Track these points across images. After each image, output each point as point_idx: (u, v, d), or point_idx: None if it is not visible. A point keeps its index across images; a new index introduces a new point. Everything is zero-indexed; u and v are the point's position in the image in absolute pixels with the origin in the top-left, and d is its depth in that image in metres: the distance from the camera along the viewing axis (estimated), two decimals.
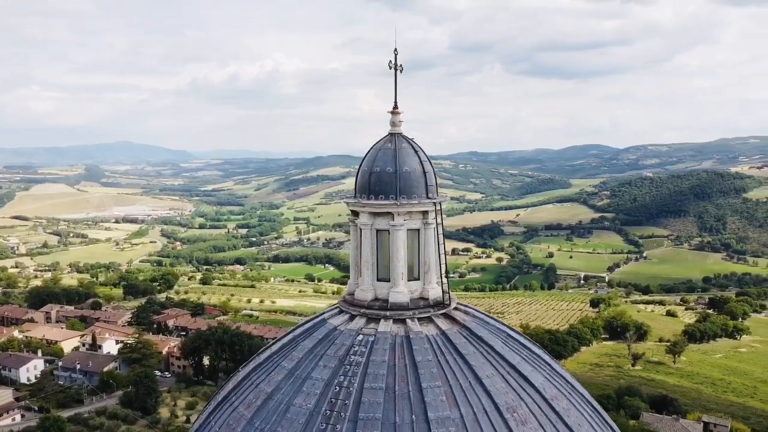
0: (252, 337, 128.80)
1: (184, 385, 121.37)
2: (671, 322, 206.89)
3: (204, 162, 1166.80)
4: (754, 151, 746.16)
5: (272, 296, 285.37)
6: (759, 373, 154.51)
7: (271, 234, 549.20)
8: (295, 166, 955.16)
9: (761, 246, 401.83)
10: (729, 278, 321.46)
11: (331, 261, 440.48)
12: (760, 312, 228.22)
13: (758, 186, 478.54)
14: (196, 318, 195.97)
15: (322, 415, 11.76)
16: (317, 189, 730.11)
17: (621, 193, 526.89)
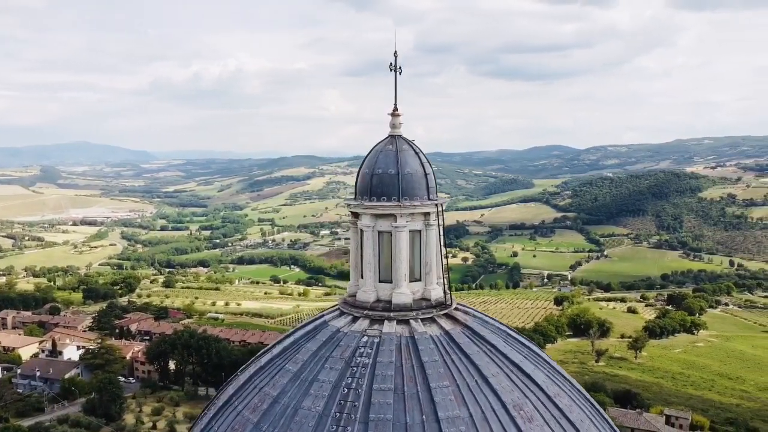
0: (219, 341, 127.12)
1: (149, 390, 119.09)
2: (632, 318, 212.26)
3: (165, 162, 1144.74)
4: (708, 152, 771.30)
5: (237, 299, 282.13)
6: (716, 367, 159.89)
7: (235, 235, 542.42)
8: (259, 166, 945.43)
9: (716, 244, 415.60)
10: (686, 275, 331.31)
11: (296, 262, 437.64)
12: (716, 307, 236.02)
13: (712, 186, 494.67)
14: (159, 322, 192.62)
15: (331, 418, 11.75)
16: (282, 190, 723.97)
17: (582, 193, 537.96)
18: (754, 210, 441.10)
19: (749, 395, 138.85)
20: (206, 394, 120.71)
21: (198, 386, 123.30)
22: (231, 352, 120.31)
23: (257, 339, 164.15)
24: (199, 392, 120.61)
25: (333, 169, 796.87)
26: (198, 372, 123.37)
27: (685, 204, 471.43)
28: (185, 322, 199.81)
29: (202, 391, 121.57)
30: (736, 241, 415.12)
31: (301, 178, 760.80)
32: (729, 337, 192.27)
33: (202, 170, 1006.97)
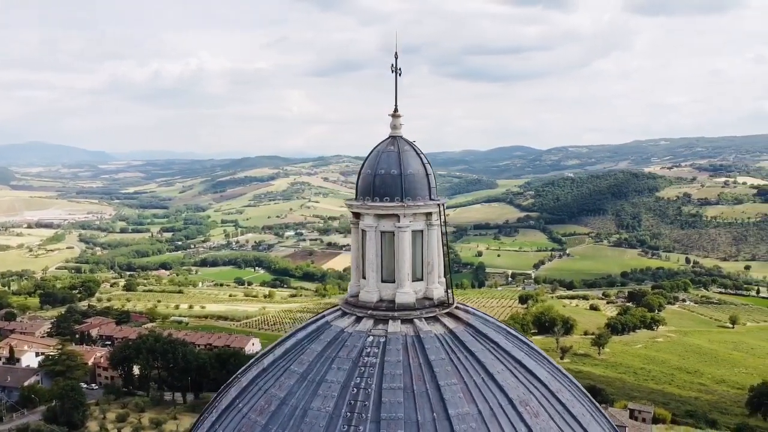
0: (186, 344, 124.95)
1: (113, 396, 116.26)
2: (595, 315, 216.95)
3: (124, 163, 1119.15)
4: (665, 153, 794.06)
5: (201, 301, 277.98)
6: (675, 361, 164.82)
7: (198, 237, 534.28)
8: (221, 167, 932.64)
9: (672, 242, 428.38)
10: (645, 272, 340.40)
11: (261, 264, 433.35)
12: (674, 304, 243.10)
13: (669, 185, 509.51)
14: (121, 326, 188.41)
15: (342, 418, 11.76)
16: (245, 191, 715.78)
17: (544, 193, 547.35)
18: (708, 209, 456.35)
19: (707, 388, 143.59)
20: (172, 399, 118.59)
21: (164, 391, 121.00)
22: (198, 356, 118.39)
23: (223, 342, 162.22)
24: (165, 397, 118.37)
25: (297, 170, 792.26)
26: (164, 377, 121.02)
27: (644, 203, 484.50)
28: (148, 325, 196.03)
29: (168, 396, 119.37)
30: (692, 239, 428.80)
31: (265, 178, 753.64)
32: (687, 333, 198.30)
33: (163, 171, 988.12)
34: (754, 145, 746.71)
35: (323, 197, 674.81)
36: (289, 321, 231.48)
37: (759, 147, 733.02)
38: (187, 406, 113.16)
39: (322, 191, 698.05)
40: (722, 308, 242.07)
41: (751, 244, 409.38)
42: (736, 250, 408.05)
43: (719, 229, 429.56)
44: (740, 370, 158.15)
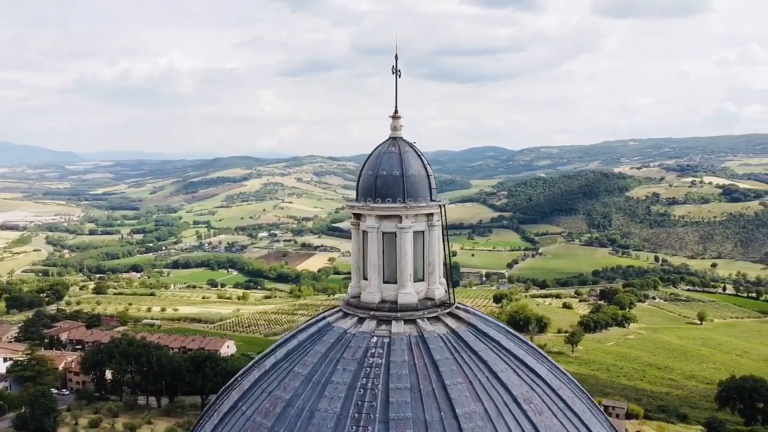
0: (160, 348, 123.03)
1: (85, 401, 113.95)
2: (568, 313, 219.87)
3: (93, 164, 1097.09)
4: (634, 153, 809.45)
5: (174, 304, 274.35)
6: (646, 358, 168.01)
7: (170, 239, 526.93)
8: (193, 167, 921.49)
9: (642, 240, 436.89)
10: (615, 271, 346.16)
11: (234, 265, 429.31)
12: (644, 301, 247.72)
13: (638, 185, 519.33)
14: (92, 330, 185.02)
15: (350, 419, 11.77)
16: (218, 191, 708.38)
17: (517, 193, 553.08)
18: (676, 208, 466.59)
19: (677, 383, 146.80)
20: (146, 403, 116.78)
21: (137, 395, 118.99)
22: (173, 359, 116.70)
23: (198, 345, 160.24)
24: (138, 402, 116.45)
25: (270, 171, 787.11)
26: (137, 381, 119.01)
27: (614, 203, 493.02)
28: (120, 329, 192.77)
29: (142, 401, 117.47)
30: (661, 237, 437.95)
31: (237, 179, 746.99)
32: (657, 329, 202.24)
33: (133, 172, 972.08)
34: (719, 146, 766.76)
35: (297, 198, 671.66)
36: (264, 323, 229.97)
37: (723, 147, 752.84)
38: (162, 410, 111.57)
39: (295, 192, 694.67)
40: (690, 305, 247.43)
41: (717, 243, 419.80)
42: (703, 248, 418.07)
43: (686, 228, 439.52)
44: (708, 366, 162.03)
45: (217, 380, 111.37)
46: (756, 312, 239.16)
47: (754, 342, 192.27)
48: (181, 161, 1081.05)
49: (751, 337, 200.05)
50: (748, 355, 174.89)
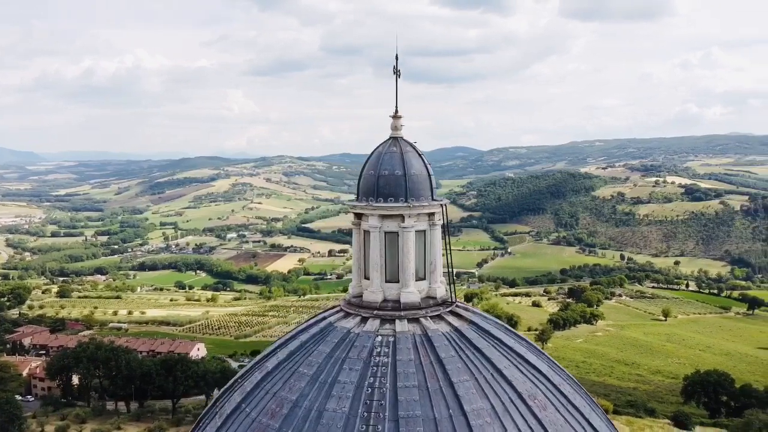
0: (129, 351, 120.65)
1: (51, 408, 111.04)
2: (537, 312, 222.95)
3: (55, 164, 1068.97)
4: (600, 154, 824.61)
5: (141, 307, 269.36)
6: (614, 354, 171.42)
7: (135, 240, 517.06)
8: (159, 168, 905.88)
9: (608, 239, 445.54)
10: (583, 269, 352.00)
11: (202, 267, 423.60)
12: (611, 299, 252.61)
13: (604, 185, 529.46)
14: (57, 335, 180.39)
15: (360, 418, 11.77)
16: (185, 192, 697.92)
17: (486, 193, 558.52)
18: (641, 207, 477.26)
19: (644, 378, 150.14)
20: (115, 408, 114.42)
21: (105, 401, 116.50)
22: (142, 363, 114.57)
23: (167, 348, 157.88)
24: (107, 407, 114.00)
25: (239, 171, 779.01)
26: (105, 386, 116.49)
27: (581, 202, 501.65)
28: (85, 333, 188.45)
29: (110, 406, 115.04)
30: (626, 236, 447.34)
31: (205, 179, 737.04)
32: (623, 326, 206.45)
33: (97, 172, 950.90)
34: (682, 146, 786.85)
35: (266, 198, 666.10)
36: (234, 325, 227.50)
37: (685, 148, 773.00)
38: (132, 414, 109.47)
39: (264, 192, 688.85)
40: (655, 302, 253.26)
41: (679, 241, 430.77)
42: (666, 246, 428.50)
43: (650, 227, 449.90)
44: (674, 361, 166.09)
45: (188, 384, 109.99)
46: (717, 308, 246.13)
47: (716, 337, 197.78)
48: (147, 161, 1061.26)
49: (713, 332, 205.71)
50: (710, 350, 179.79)
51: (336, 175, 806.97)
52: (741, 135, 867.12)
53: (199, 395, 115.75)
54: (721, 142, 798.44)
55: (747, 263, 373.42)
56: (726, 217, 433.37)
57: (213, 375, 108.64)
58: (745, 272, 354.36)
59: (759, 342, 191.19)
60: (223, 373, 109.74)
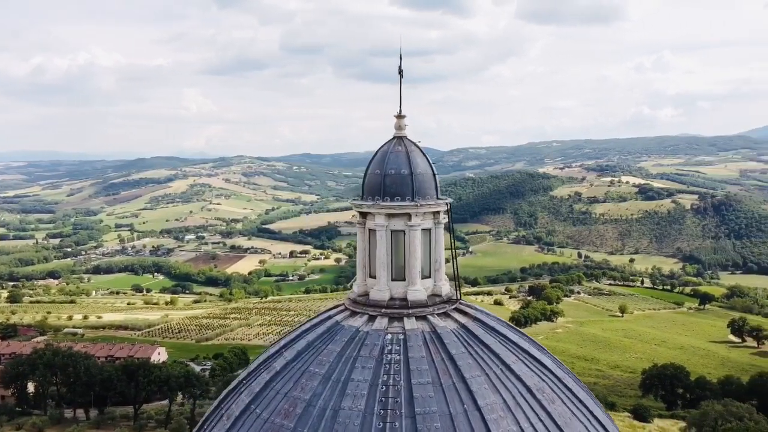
0: (89, 357, 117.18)
1: (6, 417, 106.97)
2: (499, 310, 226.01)
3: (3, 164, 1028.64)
4: (557, 154, 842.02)
5: (97, 311, 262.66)
6: (574, 350, 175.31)
7: (90, 243, 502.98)
8: (114, 168, 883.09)
9: (566, 238, 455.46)
10: (542, 267, 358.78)
11: (160, 270, 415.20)
12: (570, 296, 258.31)
13: (561, 185, 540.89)
14: (8, 341, 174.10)
15: (376, 415, 11.84)
16: (141, 193, 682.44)
17: (447, 193, 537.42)
18: (597, 206, 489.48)
19: (603, 374, 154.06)
20: (74, 416, 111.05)
21: (63, 408, 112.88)
22: (103, 369, 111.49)
23: (126, 353, 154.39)
24: (65, 415, 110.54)
25: (197, 171, 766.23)
26: (63, 393, 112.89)
27: (539, 202, 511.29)
28: (39, 339, 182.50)
29: (68, 414, 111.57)
30: (583, 235, 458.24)
31: (162, 180, 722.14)
32: (583, 323, 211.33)
33: (48, 173, 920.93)
34: (635, 147, 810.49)
35: (225, 199, 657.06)
36: (195, 328, 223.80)
37: (639, 149, 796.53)
38: (92, 422, 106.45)
39: (223, 193, 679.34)
40: (612, 299, 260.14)
41: (634, 239, 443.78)
42: (622, 244, 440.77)
43: (606, 225, 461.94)
44: (631, 355, 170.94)
45: (151, 389, 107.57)
46: (671, 303, 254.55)
47: (670, 332, 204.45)
48: (102, 162, 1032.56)
49: (668, 327, 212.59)
50: (665, 344, 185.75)
51: (296, 176, 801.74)
52: (691, 136, 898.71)
53: (162, 400, 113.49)
54: (673, 142, 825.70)
55: (698, 260, 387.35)
56: (677, 216, 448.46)
57: (177, 379, 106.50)
58: (696, 269, 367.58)
59: (710, 336, 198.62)
60: (187, 377, 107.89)
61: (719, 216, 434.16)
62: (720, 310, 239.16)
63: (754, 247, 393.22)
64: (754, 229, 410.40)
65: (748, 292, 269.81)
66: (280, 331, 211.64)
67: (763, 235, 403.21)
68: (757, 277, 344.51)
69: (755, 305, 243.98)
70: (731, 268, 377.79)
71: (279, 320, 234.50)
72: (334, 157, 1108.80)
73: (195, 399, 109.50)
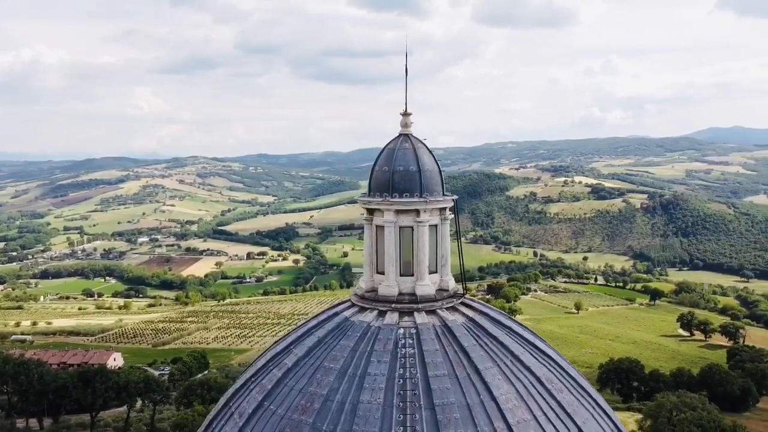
0: (42, 364, 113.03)
1: None
2: None
3: None
4: (512, 155, 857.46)
5: (46, 317, 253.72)
6: None
7: (36, 246, 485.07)
8: (62, 169, 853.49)
9: (522, 237, 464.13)
10: (499, 266, 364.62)
11: (112, 273, 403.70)
12: (527, 294, 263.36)
13: (517, 185, 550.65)
14: None
15: (396, 408, 11.98)
16: (91, 194, 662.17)
17: None
18: (551, 206, 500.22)
19: None
20: (26, 425, 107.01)
21: (15, 418, 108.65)
22: (57, 376, 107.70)
23: (80, 359, 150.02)
24: (17, 425, 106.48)
25: (150, 172, 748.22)
26: (15, 403, 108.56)
27: (496, 202, 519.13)
28: None
29: (20, 423, 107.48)
30: (538, 234, 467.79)
31: (113, 181, 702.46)
32: (540, 320, 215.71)
33: None
34: (587, 148, 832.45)
35: (179, 200, 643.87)
36: (151, 332, 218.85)
37: (590, 149, 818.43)
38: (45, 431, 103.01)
39: (177, 194, 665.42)
40: (568, 296, 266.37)
41: (587, 237, 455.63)
42: (575, 243, 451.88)
43: (561, 225, 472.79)
44: (587, 351, 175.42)
45: (108, 395, 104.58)
46: (623, 300, 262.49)
47: (623, 327, 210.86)
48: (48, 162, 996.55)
49: (621, 322, 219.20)
50: (619, 339, 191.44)
51: (253, 176, 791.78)
52: (639, 137, 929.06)
53: (120, 407, 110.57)
54: (622, 144, 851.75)
55: (647, 257, 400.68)
56: (628, 215, 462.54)
57: (136, 385, 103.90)
58: (646, 266, 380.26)
59: (661, 330, 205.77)
60: (147, 382, 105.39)
61: (667, 215, 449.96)
62: (669, 306, 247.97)
63: (699, 245, 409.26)
64: (700, 227, 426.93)
65: (695, 288, 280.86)
66: (240, 334, 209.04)
67: (708, 232, 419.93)
68: (703, 273, 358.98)
69: (702, 300, 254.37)
70: (679, 264, 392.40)
71: (238, 323, 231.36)
72: (291, 157, 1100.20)
73: (155, 404, 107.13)
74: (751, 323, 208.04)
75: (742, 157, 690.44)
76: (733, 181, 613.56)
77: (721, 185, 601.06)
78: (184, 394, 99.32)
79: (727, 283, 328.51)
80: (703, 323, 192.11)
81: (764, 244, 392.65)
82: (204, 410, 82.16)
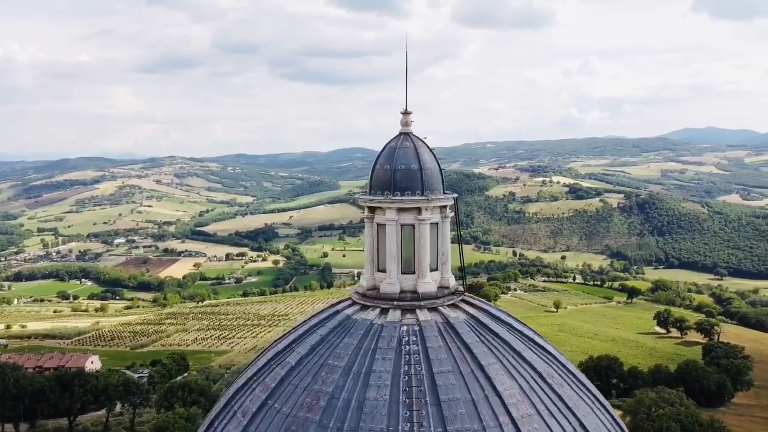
0: (18, 368, 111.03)
1: None
2: None
3: None
4: (491, 155, 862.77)
5: (20, 320, 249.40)
6: None
7: (10, 248, 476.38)
8: (35, 169, 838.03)
9: (501, 236, 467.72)
10: (479, 266, 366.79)
11: (88, 275, 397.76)
12: (507, 293, 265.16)
13: (496, 185, 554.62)
14: None
15: (402, 404, 12.06)
16: (66, 195, 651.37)
17: None
18: (530, 206, 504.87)
19: None
20: (2, 430, 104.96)
21: None
22: (34, 380, 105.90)
23: (57, 363, 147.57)
24: None
25: (126, 172, 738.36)
26: None
27: (475, 202, 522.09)
28: None
29: None
30: (517, 233, 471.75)
31: (88, 182, 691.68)
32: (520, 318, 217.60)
33: None
34: (565, 148, 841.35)
35: (156, 201, 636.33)
36: (129, 335, 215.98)
37: (568, 150, 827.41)
38: None
39: (155, 194, 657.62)
40: (547, 295, 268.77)
41: (565, 237, 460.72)
42: (554, 242, 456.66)
43: (539, 224, 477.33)
44: (567, 349, 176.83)
45: (87, 399, 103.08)
46: (601, 298, 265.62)
47: (601, 325, 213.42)
48: (21, 162, 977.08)
49: (599, 320, 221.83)
50: (598, 337, 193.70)
51: (231, 177, 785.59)
52: (616, 138, 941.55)
53: (98, 411, 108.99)
54: (599, 144, 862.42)
55: (624, 256, 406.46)
56: (605, 214, 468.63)
57: (116, 388, 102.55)
58: (623, 264, 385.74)
59: (639, 328, 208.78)
60: (127, 385, 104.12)
61: (643, 214, 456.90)
62: (646, 303, 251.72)
63: (675, 243, 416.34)
64: (675, 226, 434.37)
65: (671, 286, 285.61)
66: (220, 336, 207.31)
67: (683, 231, 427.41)
68: (678, 272, 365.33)
69: (677, 298, 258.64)
70: (655, 263, 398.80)
71: (218, 324, 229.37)
72: (269, 157, 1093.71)
73: (135, 408, 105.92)
74: (725, 320, 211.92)
75: (716, 158, 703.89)
76: (706, 181, 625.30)
77: (696, 185, 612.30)
78: (165, 397, 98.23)
79: (702, 280, 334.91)
80: (679, 320, 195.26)
81: (737, 242, 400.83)
82: (185, 413, 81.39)
